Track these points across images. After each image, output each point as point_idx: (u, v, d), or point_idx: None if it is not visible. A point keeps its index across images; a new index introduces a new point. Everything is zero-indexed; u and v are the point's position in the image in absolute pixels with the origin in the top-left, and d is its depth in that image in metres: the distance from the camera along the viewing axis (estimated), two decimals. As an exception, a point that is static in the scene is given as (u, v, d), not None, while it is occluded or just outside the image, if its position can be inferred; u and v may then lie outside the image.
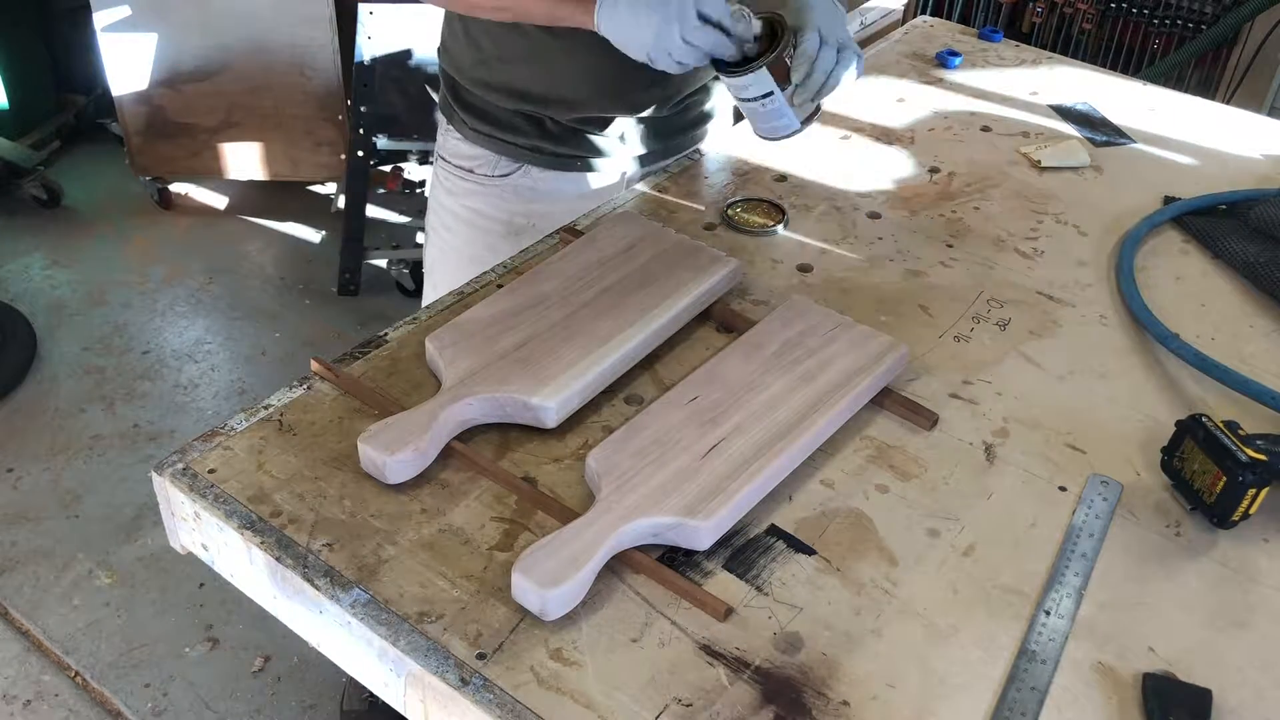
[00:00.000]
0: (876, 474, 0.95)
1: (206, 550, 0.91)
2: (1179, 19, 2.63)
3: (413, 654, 0.77)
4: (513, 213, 1.41)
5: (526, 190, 1.40)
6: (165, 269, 2.93)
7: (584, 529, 0.82)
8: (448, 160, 1.45)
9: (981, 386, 1.05)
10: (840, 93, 1.17)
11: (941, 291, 1.18)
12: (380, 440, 0.89)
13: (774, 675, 0.77)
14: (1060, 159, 1.43)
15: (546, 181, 1.40)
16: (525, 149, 1.38)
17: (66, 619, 2.01)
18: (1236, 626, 0.84)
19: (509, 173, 1.40)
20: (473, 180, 1.42)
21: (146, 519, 2.21)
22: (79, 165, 3.28)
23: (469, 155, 1.41)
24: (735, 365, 1.00)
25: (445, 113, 1.45)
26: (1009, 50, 1.73)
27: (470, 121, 1.39)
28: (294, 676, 1.94)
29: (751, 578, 0.85)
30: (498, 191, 1.41)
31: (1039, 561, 0.88)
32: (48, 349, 2.63)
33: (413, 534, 0.86)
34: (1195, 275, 1.24)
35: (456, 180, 1.43)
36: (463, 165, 1.42)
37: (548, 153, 1.38)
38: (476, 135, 1.39)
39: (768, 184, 1.36)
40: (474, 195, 1.42)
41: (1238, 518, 0.90)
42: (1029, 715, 0.76)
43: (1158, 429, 1.00)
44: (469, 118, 1.39)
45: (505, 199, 1.41)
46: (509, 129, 1.37)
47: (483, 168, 1.41)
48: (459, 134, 1.41)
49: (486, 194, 1.42)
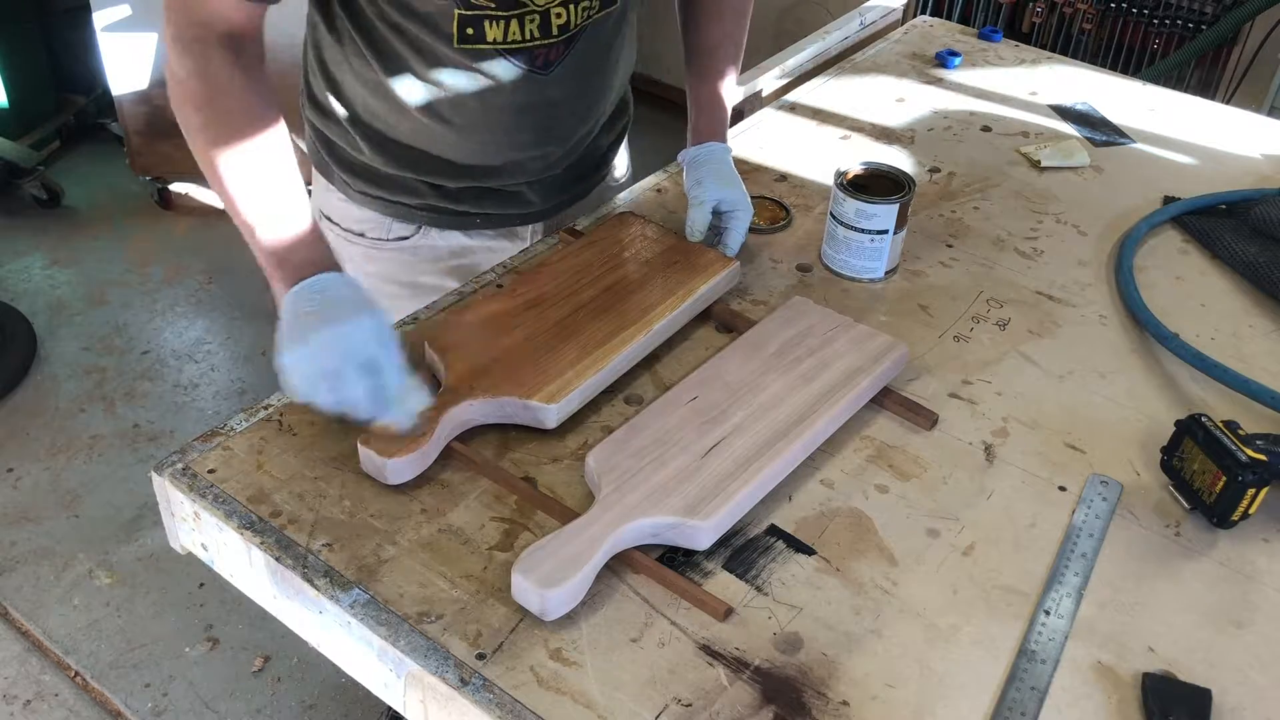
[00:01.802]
0: (876, 474, 0.95)
1: (206, 550, 0.91)
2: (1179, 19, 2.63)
3: (412, 654, 0.77)
4: (419, 274, 1.25)
5: (428, 250, 1.24)
6: (165, 269, 2.93)
7: (584, 529, 0.82)
8: (333, 222, 1.25)
9: (981, 386, 1.05)
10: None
11: (941, 291, 1.18)
12: (380, 442, 0.89)
13: (774, 675, 0.77)
14: (1060, 159, 1.43)
15: (451, 239, 1.24)
16: (419, 209, 1.22)
17: (66, 619, 2.01)
18: (1236, 626, 0.84)
19: (406, 235, 1.24)
20: (366, 244, 1.24)
21: (146, 519, 2.21)
22: (79, 165, 3.28)
23: (356, 218, 1.24)
24: (735, 365, 1.00)
25: (320, 169, 1.26)
26: (1009, 50, 1.73)
27: (353, 182, 1.22)
28: (294, 676, 1.94)
29: (751, 578, 0.85)
30: (396, 256, 1.25)
31: (1039, 561, 0.88)
32: (48, 349, 2.63)
33: (413, 534, 0.86)
34: (1195, 275, 1.24)
35: (346, 245, 1.25)
36: (351, 229, 1.24)
37: (446, 211, 1.22)
38: (363, 197, 1.22)
39: (768, 184, 1.36)
40: (371, 261, 1.25)
41: (1237, 518, 0.90)
42: (1029, 715, 0.76)
43: (1157, 429, 1.00)
44: (350, 178, 1.22)
45: (407, 263, 1.25)
46: (399, 189, 1.20)
47: (375, 231, 1.24)
48: (341, 194, 1.23)
49: (384, 259, 1.25)
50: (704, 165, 1.21)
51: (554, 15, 1.07)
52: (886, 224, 1.15)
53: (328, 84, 1.18)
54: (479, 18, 1.05)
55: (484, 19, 1.05)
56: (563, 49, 1.11)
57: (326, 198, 1.26)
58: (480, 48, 1.07)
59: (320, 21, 1.15)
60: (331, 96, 1.18)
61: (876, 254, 1.17)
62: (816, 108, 1.54)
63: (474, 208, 1.22)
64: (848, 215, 1.16)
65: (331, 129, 1.20)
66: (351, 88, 1.15)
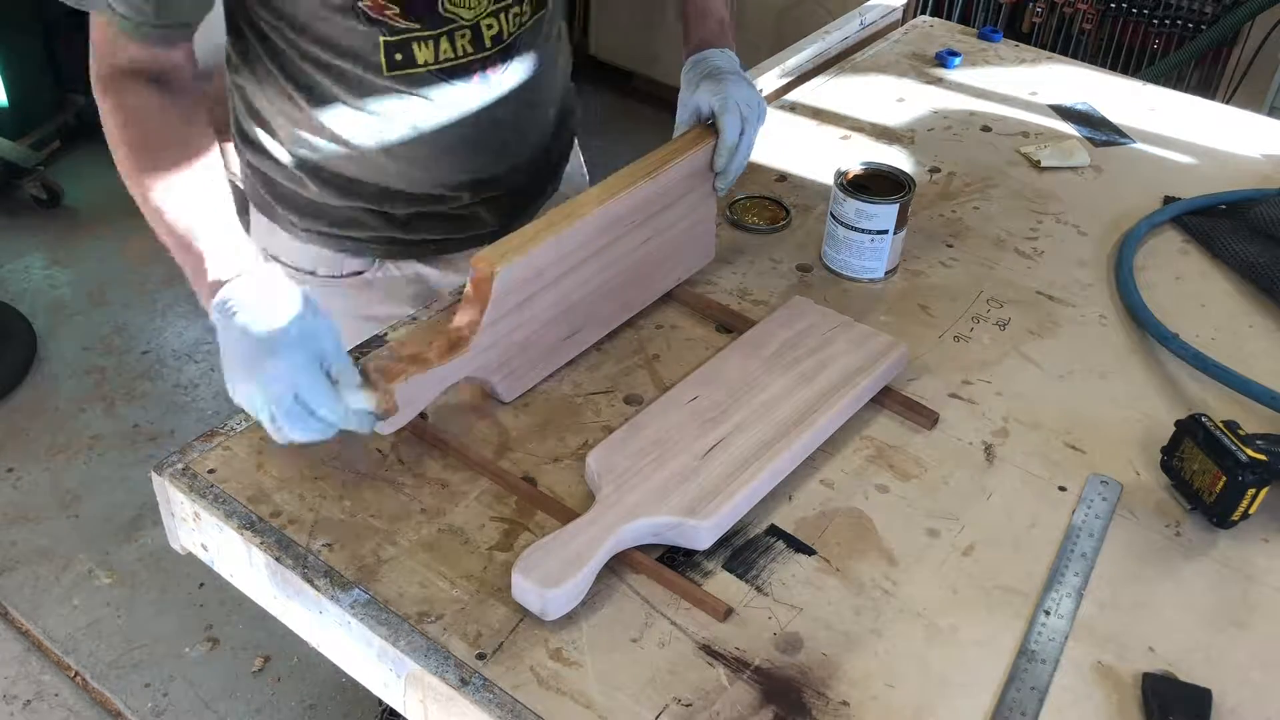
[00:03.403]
0: (876, 474, 0.95)
1: (206, 550, 0.91)
2: (1179, 19, 2.62)
3: (412, 654, 0.77)
4: (377, 306, 1.18)
5: (384, 283, 1.19)
6: (165, 269, 2.92)
7: (584, 529, 0.82)
8: (281, 262, 1.17)
9: (981, 386, 1.05)
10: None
11: (941, 291, 1.18)
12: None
13: (774, 675, 0.77)
14: (1060, 159, 1.43)
15: (408, 269, 1.19)
16: (371, 242, 1.15)
17: (66, 619, 2.01)
18: (1236, 626, 0.84)
19: (360, 270, 1.18)
20: (318, 282, 1.17)
21: (146, 519, 2.20)
22: (79, 165, 3.28)
23: (306, 256, 1.17)
24: (735, 365, 1.00)
25: (260, 208, 1.18)
26: (1008, 50, 1.73)
27: (298, 221, 1.15)
28: (294, 676, 1.94)
29: (751, 578, 0.85)
30: (352, 292, 1.18)
31: (1039, 561, 0.88)
32: (48, 349, 2.63)
33: (413, 534, 0.86)
34: (1195, 275, 1.24)
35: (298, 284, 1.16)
36: (301, 267, 1.17)
37: (399, 242, 1.16)
38: (309, 234, 1.15)
39: (768, 184, 1.36)
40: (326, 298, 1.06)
41: (1237, 518, 0.90)
42: (1029, 715, 0.76)
43: (1157, 429, 1.00)
44: (294, 216, 1.15)
45: (364, 298, 1.19)
46: (347, 223, 1.14)
47: (326, 268, 1.17)
48: (286, 233, 1.16)
49: (340, 295, 1.17)
50: (692, 70, 1.12)
51: (485, 27, 1.04)
52: (886, 224, 1.15)
53: (257, 124, 1.12)
54: (405, 42, 1.01)
55: (411, 42, 1.01)
56: (499, 60, 1.08)
57: (271, 238, 1.18)
58: (413, 72, 1.03)
59: (238, 62, 1.10)
60: (263, 135, 1.12)
61: (876, 254, 1.17)
62: (816, 108, 1.54)
63: (428, 234, 1.16)
64: (848, 215, 1.16)
65: (269, 166, 1.14)
66: (283, 128, 1.10)
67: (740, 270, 1.19)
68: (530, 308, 0.97)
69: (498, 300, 0.93)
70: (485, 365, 0.95)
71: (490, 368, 0.95)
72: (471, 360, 0.93)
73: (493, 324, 0.93)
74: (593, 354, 1.06)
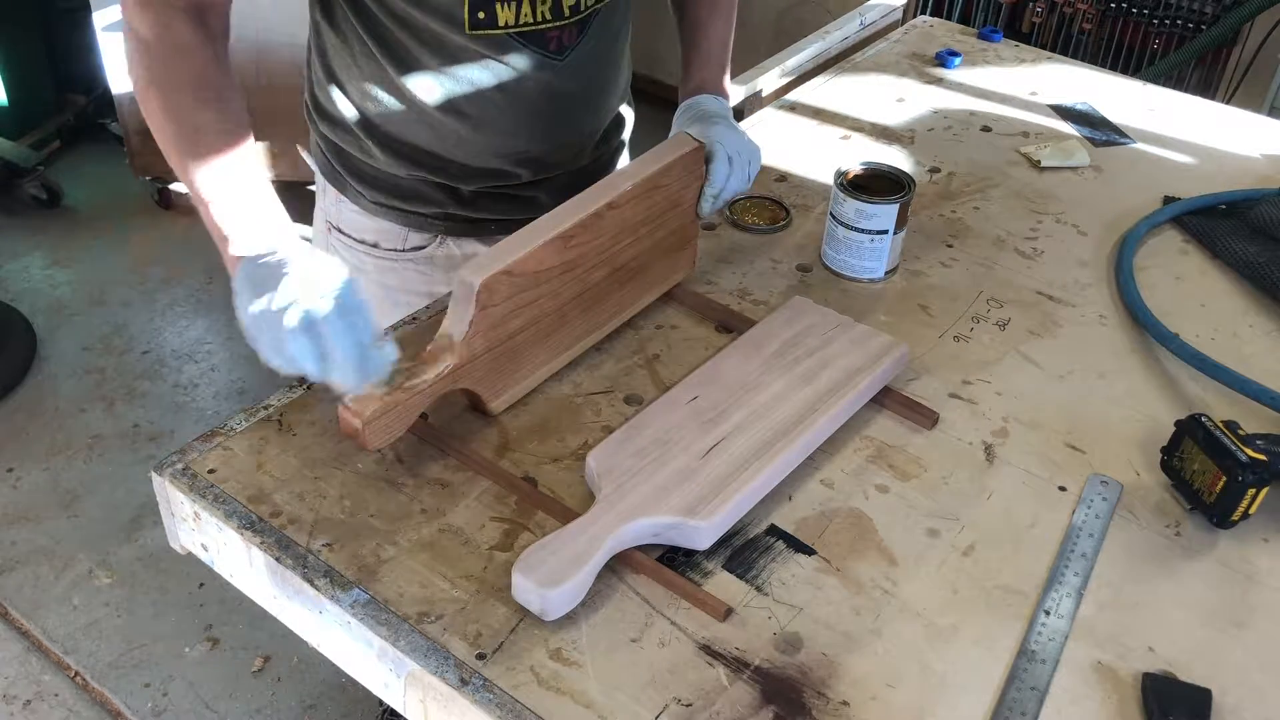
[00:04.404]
0: (876, 474, 0.95)
1: (206, 550, 0.91)
2: (1179, 19, 2.62)
3: (412, 654, 0.77)
4: (436, 284, 1.22)
5: (445, 261, 1.22)
6: (165, 269, 2.93)
7: (584, 529, 0.82)
8: (345, 234, 1.23)
9: (981, 386, 1.05)
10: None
11: (941, 291, 1.18)
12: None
13: (774, 675, 0.77)
14: (1060, 159, 1.43)
15: (467, 247, 1.22)
16: (436, 219, 1.20)
17: (66, 619, 2.01)
18: (1236, 626, 0.84)
19: (422, 245, 1.22)
20: (379, 255, 1.22)
21: (146, 519, 2.20)
22: (79, 165, 3.28)
23: (371, 229, 1.22)
24: (735, 365, 1.00)
25: (331, 179, 1.23)
26: (1008, 50, 1.73)
27: (366, 192, 1.19)
28: (294, 676, 1.94)
29: (751, 578, 0.85)
30: (413, 267, 1.22)
31: (1039, 561, 0.88)
32: (48, 349, 2.63)
33: (413, 534, 0.86)
34: (1195, 275, 1.24)
35: (361, 256, 1.23)
36: (365, 240, 1.22)
37: (462, 219, 1.20)
38: (377, 208, 1.20)
39: (768, 184, 1.36)
40: (386, 273, 1.23)
41: (1237, 518, 0.90)
42: (1029, 715, 0.76)
43: (1158, 429, 1.00)
44: (363, 187, 1.19)
45: (424, 274, 1.23)
46: (413, 198, 1.18)
47: (389, 241, 1.21)
48: (355, 205, 1.21)
49: (400, 270, 1.23)
50: (685, 113, 1.19)
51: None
52: (886, 224, 1.15)
53: (336, 88, 1.16)
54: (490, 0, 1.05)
55: (495, 1, 1.05)
56: (575, 33, 1.11)
57: (339, 209, 1.23)
58: (493, 33, 1.07)
59: (323, 22, 1.15)
60: (340, 101, 1.16)
61: (876, 254, 1.17)
62: (816, 108, 1.54)
63: (489, 214, 1.20)
64: (848, 215, 1.16)
65: (341, 136, 1.18)
66: (361, 89, 1.14)
67: (740, 270, 1.19)
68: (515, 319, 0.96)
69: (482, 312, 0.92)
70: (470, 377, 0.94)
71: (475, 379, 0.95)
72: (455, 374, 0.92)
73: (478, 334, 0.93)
74: (593, 354, 1.06)
